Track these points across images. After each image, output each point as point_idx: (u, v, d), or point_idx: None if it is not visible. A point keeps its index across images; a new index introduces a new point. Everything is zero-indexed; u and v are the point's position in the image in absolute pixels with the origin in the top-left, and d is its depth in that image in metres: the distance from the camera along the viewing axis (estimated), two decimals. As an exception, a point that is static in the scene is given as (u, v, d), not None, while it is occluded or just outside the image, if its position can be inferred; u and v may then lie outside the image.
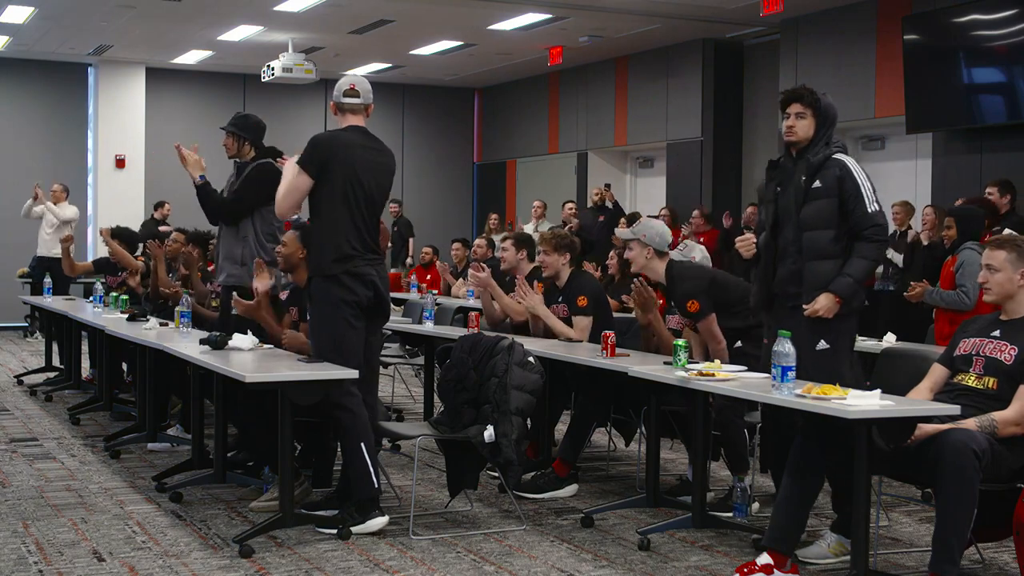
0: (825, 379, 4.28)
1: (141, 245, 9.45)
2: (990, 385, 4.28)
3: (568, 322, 6.28)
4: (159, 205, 14.87)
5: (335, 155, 5.09)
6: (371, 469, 4.97)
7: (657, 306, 5.86)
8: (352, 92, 5.20)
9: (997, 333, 4.37)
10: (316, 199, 5.12)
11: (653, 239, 5.66)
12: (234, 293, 5.99)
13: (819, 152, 4.72)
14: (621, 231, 5.90)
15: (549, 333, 6.32)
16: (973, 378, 4.34)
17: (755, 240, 4.94)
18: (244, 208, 6.25)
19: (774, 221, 4.83)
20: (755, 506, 5.46)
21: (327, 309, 5.09)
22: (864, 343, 6.16)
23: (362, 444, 4.97)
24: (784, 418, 4.53)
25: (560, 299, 6.35)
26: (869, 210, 4.64)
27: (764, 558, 4.30)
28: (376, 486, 4.99)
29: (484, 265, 6.77)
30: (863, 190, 4.65)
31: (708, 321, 5.51)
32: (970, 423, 4.09)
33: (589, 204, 13.79)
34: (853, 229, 4.68)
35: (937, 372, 4.50)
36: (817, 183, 4.69)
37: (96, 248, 14.65)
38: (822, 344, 4.65)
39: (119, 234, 9.36)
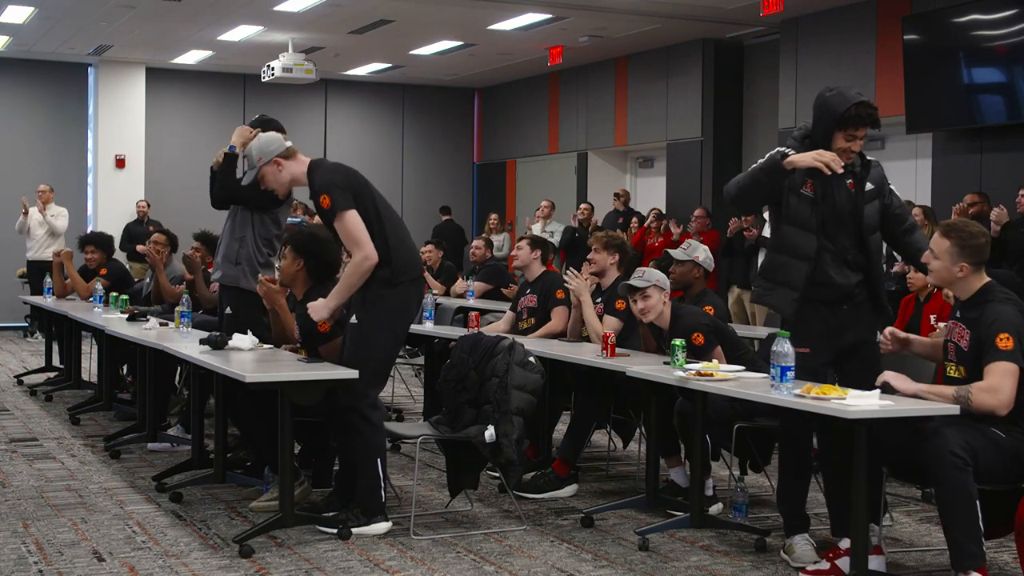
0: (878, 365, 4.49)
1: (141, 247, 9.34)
2: (962, 373, 4.27)
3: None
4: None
5: (349, 179, 5.04)
6: (381, 484, 4.98)
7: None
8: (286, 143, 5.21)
9: (958, 315, 4.34)
10: (369, 218, 5.00)
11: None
12: (260, 274, 5.95)
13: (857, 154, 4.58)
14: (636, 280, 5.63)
15: (585, 337, 6.31)
16: (952, 367, 4.35)
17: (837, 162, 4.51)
18: (243, 198, 6.20)
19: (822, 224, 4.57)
20: (719, 506, 5.45)
21: (384, 320, 5.02)
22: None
23: (378, 460, 4.96)
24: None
25: (599, 299, 6.32)
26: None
27: (845, 543, 4.39)
28: (383, 500, 5.00)
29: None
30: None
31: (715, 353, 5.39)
32: (948, 391, 4.13)
33: (612, 207, 13.70)
34: (899, 220, 4.66)
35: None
36: (870, 184, 4.60)
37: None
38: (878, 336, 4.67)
39: (92, 240, 9.17)
